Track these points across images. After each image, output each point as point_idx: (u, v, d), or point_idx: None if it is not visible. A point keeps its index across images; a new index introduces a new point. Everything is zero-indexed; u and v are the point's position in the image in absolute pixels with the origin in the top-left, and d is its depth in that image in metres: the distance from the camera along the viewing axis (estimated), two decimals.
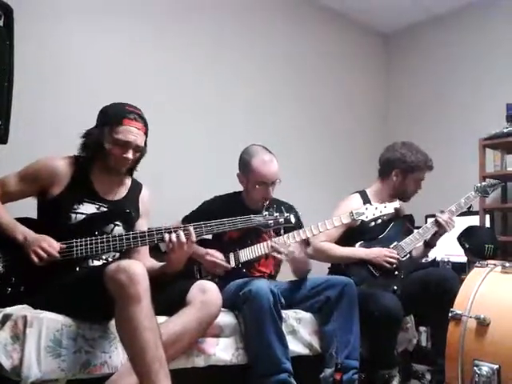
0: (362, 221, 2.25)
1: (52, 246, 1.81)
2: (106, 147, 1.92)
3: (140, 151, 2.01)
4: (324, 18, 4.15)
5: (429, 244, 2.70)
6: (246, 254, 2.33)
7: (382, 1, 4.04)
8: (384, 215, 2.24)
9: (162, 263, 2.02)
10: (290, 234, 2.30)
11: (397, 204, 2.29)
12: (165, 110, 3.10)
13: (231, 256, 2.33)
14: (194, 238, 1.90)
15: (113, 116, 1.94)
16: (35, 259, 1.78)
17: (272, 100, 3.74)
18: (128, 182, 2.12)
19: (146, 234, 1.91)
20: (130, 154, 1.95)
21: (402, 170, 2.67)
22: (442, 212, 2.61)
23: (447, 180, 3.77)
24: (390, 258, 2.50)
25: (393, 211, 2.26)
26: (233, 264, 2.31)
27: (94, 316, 1.75)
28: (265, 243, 2.33)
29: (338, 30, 4.26)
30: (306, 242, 2.42)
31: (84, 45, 2.90)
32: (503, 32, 3.81)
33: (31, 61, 2.64)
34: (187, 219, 2.44)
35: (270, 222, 2.06)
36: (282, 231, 2.35)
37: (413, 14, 4.24)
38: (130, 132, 1.93)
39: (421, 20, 4.31)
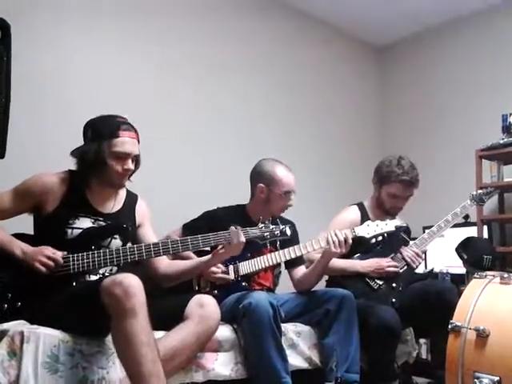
0: (363, 237, 2.27)
1: (56, 253, 1.82)
2: (108, 163, 1.92)
3: (137, 160, 2.02)
4: (318, 31, 4.18)
5: None
6: (245, 267, 2.34)
7: (375, 15, 4.08)
8: (385, 232, 2.27)
9: (195, 260, 2.11)
10: (291, 248, 2.32)
11: (398, 222, 2.32)
12: (161, 124, 3.11)
13: (230, 269, 2.33)
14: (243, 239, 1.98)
15: (106, 130, 1.94)
16: (42, 269, 1.78)
17: (267, 115, 3.75)
18: (123, 193, 2.12)
19: (143, 247, 1.91)
20: (130, 165, 1.97)
21: (377, 180, 2.70)
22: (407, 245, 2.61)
23: (444, 191, 3.79)
24: (389, 267, 2.52)
25: (394, 229, 2.28)
26: (232, 276, 2.31)
27: (91, 331, 1.74)
28: (265, 256, 2.34)
29: (332, 43, 4.29)
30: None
31: (82, 60, 2.90)
32: (497, 43, 3.85)
33: (29, 76, 2.65)
34: (187, 227, 2.46)
35: (265, 234, 2.06)
36: (278, 244, 2.37)
37: (406, 27, 4.28)
38: (127, 143, 1.94)
39: (414, 32, 4.35)
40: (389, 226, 2.27)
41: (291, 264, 2.47)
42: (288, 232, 2.10)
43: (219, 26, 3.55)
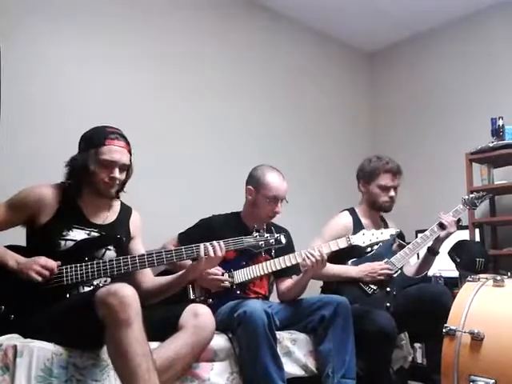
0: (358, 245, 2.27)
1: (50, 261, 1.81)
2: (92, 169, 1.92)
3: (126, 170, 2.01)
4: (309, 38, 4.22)
5: (432, 250, 2.69)
6: (240, 275, 2.33)
7: (365, 22, 4.12)
8: (380, 241, 2.28)
9: (173, 275, 2.05)
10: (286, 256, 2.31)
11: (393, 231, 2.34)
12: (153, 136, 3.12)
13: (226, 276, 2.32)
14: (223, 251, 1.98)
15: (95, 139, 1.94)
16: (37, 277, 1.77)
17: (259, 122, 3.77)
18: (117, 205, 2.11)
19: (137, 258, 1.91)
20: (116, 173, 1.96)
21: (363, 181, 2.74)
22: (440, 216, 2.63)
23: (436, 195, 3.81)
24: (382, 269, 2.52)
25: (389, 238, 2.30)
26: (227, 285, 2.31)
27: (85, 343, 1.72)
28: (260, 264, 2.34)
29: (323, 49, 4.32)
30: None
31: (72, 76, 2.90)
32: (485, 46, 3.89)
33: (17, 93, 2.65)
34: (183, 235, 2.46)
35: (260, 243, 2.07)
36: (272, 252, 2.37)
37: (395, 33, 4.32)
38: (114, 151, 1.94)
39: (403, 38, 4.39)
40: (384, 234, 2.29)
41: (280, 274, 2.45)
42: (283, 240, 2.11)
43: (213, 35, 3.58)
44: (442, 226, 2.61)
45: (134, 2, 3.21)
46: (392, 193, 2.69)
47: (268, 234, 2.09)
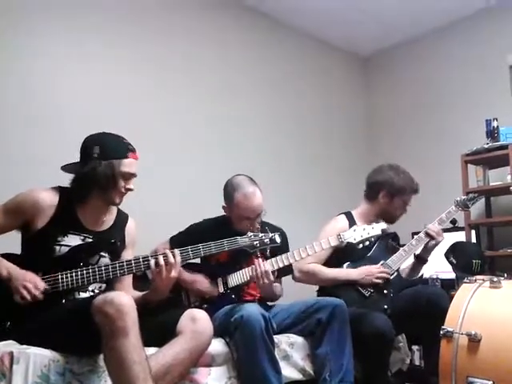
0: (350, 243, 2.26)
1: (37, 287, 1.77)
2: (117, 180, 1.92)
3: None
4: (307, 43, 4.25)
5: (421, 258, 2.69)
6: (234, 279, 2.32)
7: (359, 26, 4.15)
8: (371, 237, 2.26)
9: (143, 292, 2.01)
10: (278, 257, 2.30)
11: (384, 225, 2.32)
12: (151, 136, 3.11)
13: (219, 281, 2.32)
14: (179, 259, 1.89)
15: (118, 150, 1.93)
16: (18, 299, 1.75)
17: (256, 124, 3.78)
18: (114, 212, 2.10)
19: (133, 262, 1.89)
20: (132, 185, 1.98)
21: (389, 192, 2.69)
22: (426, 225, 2.64)
23: (432, 197, 3.80)
24: (380, 273, 2.52)
25: (380, 233, 2.28)
26: (221, 289, 2.30)
27: (82, 349, 1.72)
28: (253, 267, 2.33)
29: (320, 55, 4.35)
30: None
31: (66, 85, 2.89)
32: (479, 49, 3.91)
33: (12, 100, 2.65)
34: (174, 240, 2.44)
35: (255, 242, 2.06)
36: (267, 252, 2.35)
37: (390, 37, 4.35)
38: (134, 164, 1.96)
39: (398, 42, 4.41)
40: (375, 229, 2.26)
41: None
42: (278, 240, 2.10)
43: (211, 39, 3.61)
44: (428, 235, 2.61)
45: (135, 3, 3.22)
46: (407, 209, 2.75)
47: (262, 234, 2.08)
